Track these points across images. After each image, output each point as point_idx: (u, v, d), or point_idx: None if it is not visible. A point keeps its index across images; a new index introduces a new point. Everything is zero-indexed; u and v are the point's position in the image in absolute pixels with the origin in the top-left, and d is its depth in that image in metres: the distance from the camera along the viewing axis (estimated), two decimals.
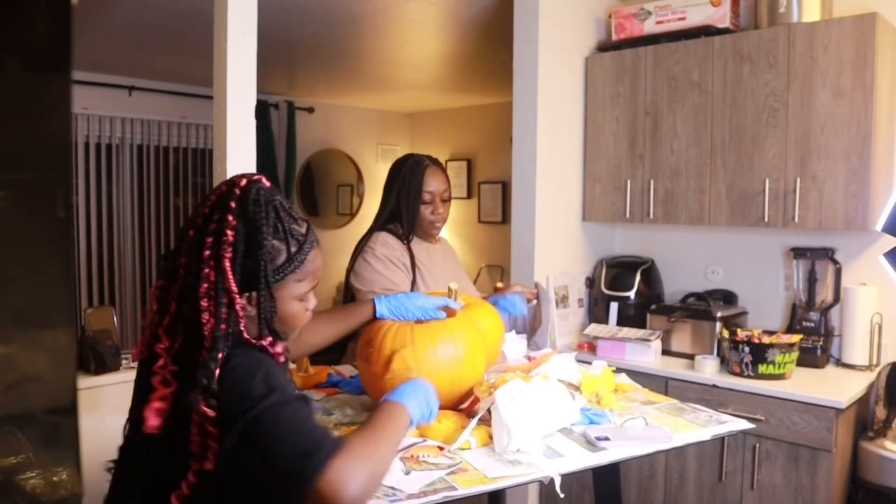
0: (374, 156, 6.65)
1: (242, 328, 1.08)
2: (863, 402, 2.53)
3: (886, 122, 2.56)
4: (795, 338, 2.51)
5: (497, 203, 6.18)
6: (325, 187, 6.39)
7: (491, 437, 1.28)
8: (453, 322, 1.47)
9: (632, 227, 3.36)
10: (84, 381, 2.53)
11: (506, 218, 5.91)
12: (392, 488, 1.12)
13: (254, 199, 1.10)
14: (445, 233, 7.37)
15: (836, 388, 2.41)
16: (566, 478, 1.20)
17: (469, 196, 6.45)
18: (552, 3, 2.93)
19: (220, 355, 1.05)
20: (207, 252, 1.07)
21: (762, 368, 2.46)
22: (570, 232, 3.16)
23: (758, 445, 2.43)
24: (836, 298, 2.71)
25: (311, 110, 6.09)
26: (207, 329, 1.05)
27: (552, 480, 1.19)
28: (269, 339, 1.09)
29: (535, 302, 2.10)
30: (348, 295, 2.10)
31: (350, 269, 2.10)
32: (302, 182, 6.16)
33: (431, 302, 1.55)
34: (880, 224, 2.51)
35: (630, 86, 2.99)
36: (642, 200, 2.96)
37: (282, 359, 1.11)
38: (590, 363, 1.73)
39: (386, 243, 2.06)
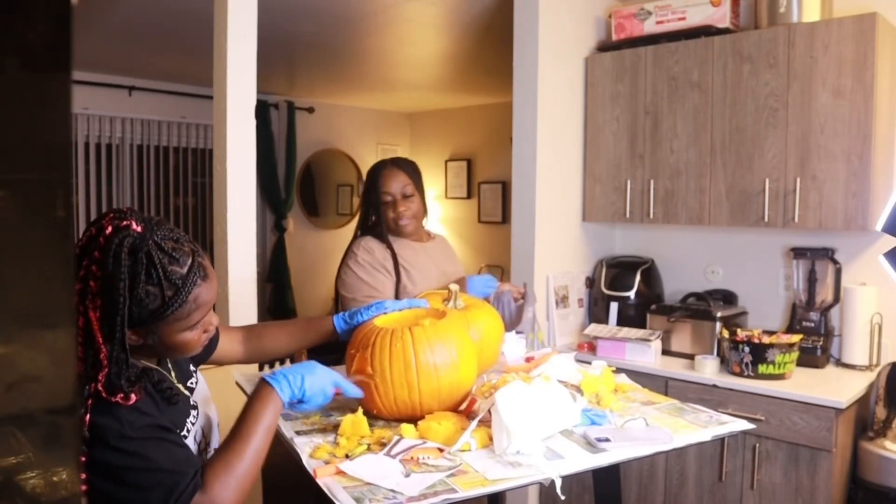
0: (374, 156, 6.65)
1: (101, 378, 1.05)
2: (863, 402, 2.53)
3: (886, 122, 2.56)
4: (795, 338, 2.51)
5: (497, 203, 6.18)
6: (324, 187, 6.40)
7: (491, 439, 1.28)
8: (444, 327, 1.46)
9: (632, 227, 3.36)
10: None
11: (506, 218, 5.91)
12: (392, 491, 1.11)
13: (115, 252, 1.05)
14: (445, 232, 7.35)
15: (836, 388, 2.41)
16: (566, 479, 1.20)
17: (469, 196, 6.45)
18: (552, 3, 2.93)
19: (89, 402, 1.04)
20: (76, 299, 1.05)
21: (762, 368, 2.46)
22: (570, 232, 3.15)
23: (758, 445, 2.43)
24: (836, 298, 2.71)
25: (311, 110, 6.09)
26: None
27: (553, 482, 1.18)
28: (121, 395, 1.06)
29: (521, 301, 2.10)
30: (338, 300, 2.14)
31: (338, 276, 2.14)
32: (302, 182, 6.16)
33: (392, 308, 1.57)
34: (880, 224, 2.51)
35: (630, 86, 2.99)
36: (642, 200, 2.96)
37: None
38: (590, 363, 1.72)
39: (368, 248, 2.11)
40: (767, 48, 2.61)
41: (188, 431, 1.19)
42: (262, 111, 5.59)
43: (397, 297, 2.06)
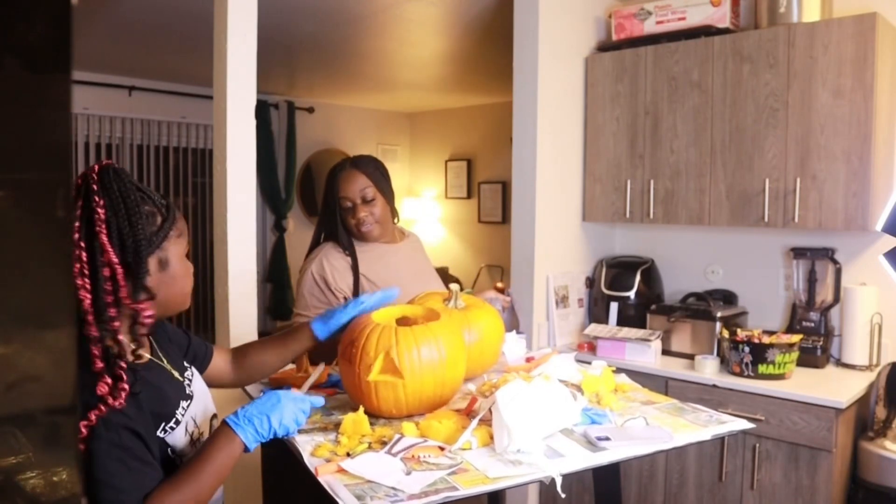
0: (375, 156, 6.65)
1: (123, 294, 1.08)
2: (863, 402, 2.53)
3: (886, 122, 2.56)
4: (795, 338, 2.51)
5: (497, 203, 6.18)
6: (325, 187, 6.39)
7: (492, 438, 1.28)
8: (438, 325, 1.47)
9: (632, 227, 3.36)
10: None
11: (506, 218, 5.91)
12: (393, 489, 1.12)
13: (115, 175, 1.12)
14: (445, 231, 7.31)
15: (836, 388, 2.41)
16: (566, 478, 1.20)
17: (469, 196, 6.45)
18: (552, 3, 2.93)
19: (115, 324, 1.06)
20: (77, 235, 1.06)
21: (762, 368, 2.46)
22: (570, 232, 3.15)
23: (758, 445, 2.43)
24: (836, 298, 2.71)
25: (311, 110, 6.09)
26: (87, 303, 1.05)
27: (553, 481, 1.18)
28: (145, 299, 1.11)
29: (508, 306, 2.10)
30: None
31: None
32: (302, 182, 6.16)
33: (369, 302, 1.57)
34: (880, 224, 2.50)
35: (630, 86, 2.99)
36: (642, 200, 2.96)
37: (149, 320, 1.13)
38: (590, 363, 1.73)
39: (324, 261, 2.02)
40: (767, 48, 2.61)
41: (176, 424, 1.18)
42: (262, 111, 5.59)
43: None
